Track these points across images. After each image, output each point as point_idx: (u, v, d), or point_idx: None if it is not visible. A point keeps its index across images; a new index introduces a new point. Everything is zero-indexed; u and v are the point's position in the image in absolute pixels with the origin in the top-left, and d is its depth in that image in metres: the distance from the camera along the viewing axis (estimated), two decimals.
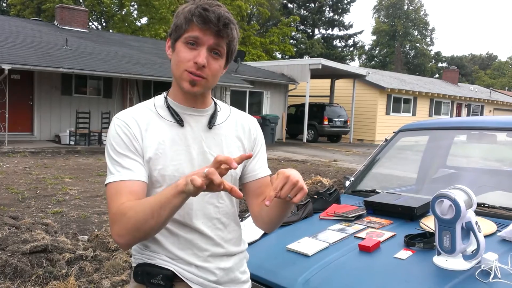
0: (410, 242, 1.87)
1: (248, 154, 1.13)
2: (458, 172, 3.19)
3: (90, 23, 29.00)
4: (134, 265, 1.34)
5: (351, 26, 47.24)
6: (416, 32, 54.76)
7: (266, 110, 19.31)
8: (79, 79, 14.73)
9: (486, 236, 1.77)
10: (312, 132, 20.16)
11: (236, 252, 1.39)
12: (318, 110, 19.96)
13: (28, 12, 28.59)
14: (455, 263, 1.64)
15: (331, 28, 45.61)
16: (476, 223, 1.63)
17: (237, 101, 17.50)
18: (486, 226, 1.99)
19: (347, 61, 47.73)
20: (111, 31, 27.51)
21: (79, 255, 3.83)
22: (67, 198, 6.80)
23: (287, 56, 36.04)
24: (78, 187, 7.61)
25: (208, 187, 1.04)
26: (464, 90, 29.81)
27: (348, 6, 44.48)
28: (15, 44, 13.61)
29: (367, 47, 55.27)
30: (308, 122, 19.26)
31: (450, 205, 1.60)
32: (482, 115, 28.47)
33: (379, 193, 2.64)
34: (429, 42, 56.54)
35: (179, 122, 1.30)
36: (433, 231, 1.78)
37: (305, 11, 43.93)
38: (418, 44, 54.12)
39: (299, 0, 43.20)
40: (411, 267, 1.72)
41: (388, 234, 2.00)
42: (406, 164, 4.23)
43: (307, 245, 1.92)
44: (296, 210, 2.36)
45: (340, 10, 44.39)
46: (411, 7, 54.18)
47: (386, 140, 3.21)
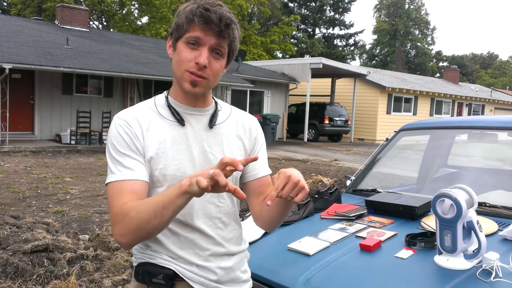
0: (411, 241, 1.86)
1: (254, 156, 1.13)
2: (459, 171, 3.19)
3: (91, 23, 29.01)
4: (135, 264, 1.34)
5: (352, 25, 47.31)
6: (417, 31, 54.73)
7: (266, 110, 19.31)
8: (80, 79, 14.74)
9: (487, 236, 1.77)
10: (313, 131, 20.16)
11: (237, 251, 1.39)
12: (318, 109, 19.96)
13: (29, 12, 28.61)
14: (456, 262, 1.64)
15: (332, 27, 45.59)
16: (477, 223, 1.62)
17: (238, 100, 17.50)
18: (487, 225, 1.99)
19: (348, 60, 47.73)
20: (111, 30, 27.52)
21: (80, 254, 3.84)
22: (68, 197, 6.80)
23: (287, 56, 36.01)
24: (79, 187, 7.61)
25: (212, 188, 1.04)
26: (465, 89, 29.79)
27: (349, 5, 44.46)
28: (16, 43, 13.62)
29: (368, 46, 55.34)
30: (309, 122, 19.26)
31: (451, 204, 1.60)
32: (483, 114, 28.44)
33: (380, 192, 2.64)
34: (430, 41, 56.56)
35: (180, 121, 1.30)
36: (434, 231, 1.77)
37: (306, 10, 43.90)
38: (419, 43, 54.09)
39: None
40: (412, 266, 1.71)
41: (389, 234, 2.00)
42: (407, 163, 4.22)
43: (308, 244, 1.92)
44: (297, 210, 2.36)
45: (341, 9, 44.35)
46: (412, 6, 54.14)
47: (387, 139, 3.21)
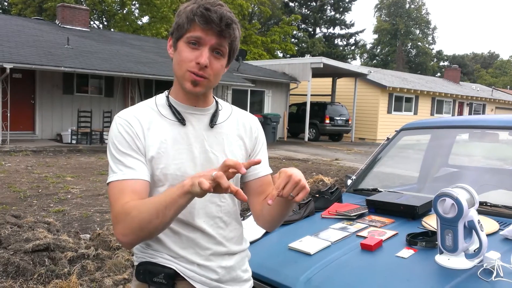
0: (412, 241, 1.86)
1: (257, 160, 1.13)
2: (460, 171, 3.19)
3: (92, 22, 29.02)
4: (136, 263, 1.34)
5: (352, 24, 47.24)
6: (417, 31, 54.69)
7: (267, 109, 19.31)
8: (80, 78, 14.75)
9: (488, 235, 1.77)
10: (314, 131, 20.15)
11: (238, 250, 1.39)
12: (319, 109, 19.95)
13: (30, 11, 28.63)
14: (457, 262, 1.64)
15: (332, 27, 45.56)
16: (479, 222, 1.62)
17: (238, 100, 17.50)
18: (489, 224, 1.99)
19: (349, 60, 47.72)
20: (112, 30, 27.53)
21: (81, 253, 3.84)
22: (69, 196, 6.81)
23: (288, 55, 36.00)
24: (80, 186, 7.62)
25: (214, 190, 1.04)
26: (466, 89, 29.76)
27: (350, 5, 44.43)
28: (17, 43, 13.63)
29: (368, 46, 55.33)
30: (310, 121, 19.25)
31: (452, 204, 1.60)
32: (484, 114, 28.42)
33: (381, 192, 2.64)
34: (430, 41, 56.52)
35: (181, 121, 1.30)
36: (435, 230, 1.77)
37: (306, 10, 43.88)
38: (419, 43, 54.06)
39: None
40: (413, 266, 1.71)
41: (390, 233, 2.00)
42: (408, 163, 4.22)
43: (309, 243, 1.92)
44: (298, 209, 2.36)
45: (341, 9, 44.32)
46: (412, 6, 54.10)
47: (388, 139, 3.21)
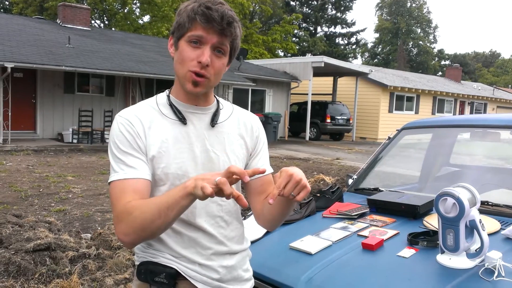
0: (413, 240, 1.86)
1: (261, 169, 1.11)
2: (462, 170, 3.18)
3: (93, 21, 29.03)
4: (137, 263, 1.34)
5: (353, 23, 47.18)
6: (419, 30, 54.63)
7: (268, 108, 19.31)
8: (81, 77, 14.76)
9: (490, 235, 1.76)
10: (315, 130, 20.14)
11: (239, 250, 1.39)
12: (320, 108, 19.94)
13: (31, 10, 28.65)
14: (458, 261, 1.63)
15: (333, 26, 45.54)
16: (480, 221, 1.62)
17: (239, 99, 17.50)
18: (490, 224, 1.99)
19: (350, 59, 47.69)
20: (113, 29, 27.54)
21: (82, 253, 3.84)
22: (70, 196, 6.81)
23: (289, 54, 35.98)
24: (81, 185, 7.63)
25: (216, 194, 1.04)
26: (467, 88, 29.72)
27: (351, 4, 44.42)
28: (18, 42, 13.63)
29: (369, 45, 55.27)
30: (311, 120, 19.24)
31: (454, 203, 1.59)
32: (485, 113, 28.39)
33: (382, 191, 2.64)
34: (432, 40, 56.46)
35: (182, 120, 1.30)
36: (436, 230, 1.77)
37: (307, 9, 43.87)
38: (421, 42, 54.00)
39: None
40: (414, 265, 1.71)
41: (391, 233, 1.99)
42: (409, 162, 4.21)
43: (310, 243, 1.92)
44: (299, 208, 2.36)
45: (342, 8, 44.30)
46: (414, 5, 54.04)
47: (389, 138, 3.21)
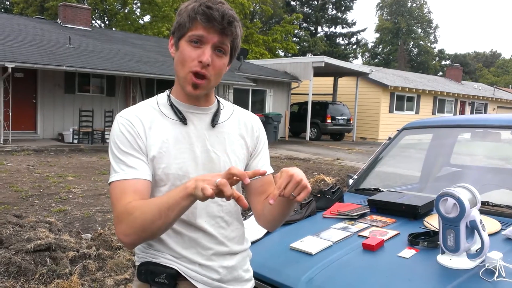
0: (414, 240, 1.86)
1: (262, 171, 1.11)
2: (462, 170, 3.18)
3: (93, 21, 29.03)
4: (137, 263, 1.34)
5: (354, 23, 47.13)
6: (419, 30, 54.60)
7: (269, 108, 19.30)
8: (82, 78, 14.76)
9: (490, 235, 1.76)
10: (315, 130, 20.13)
11: (239, 250, 1.39)
12: (321, 108, 19.93)
13: (31, 11, 28.65)
14: (459, 262, 1.63)
15: (334, 26, 45.52)
16: (481, 222, 1.62)
17: (240, 99, 17.49)
18: (491, 224, 1.99)
19: (350, 59, 47.68)
20: (114, 29, 27.55)
21: (82, 253, 3.84)
22: (71, 196, 6.82)
23: (290, 54, 35.97)
24: (81, 186, 7.63)
25: (216, 195, 1.03)
26: (467, 88, 29.71)
27: (351, 4, 44.39)
28: (18, 42, 13.64)
29: (370, 45, 55.25)
30: (311, 120, 19.23)
31: (454, 203, 1.59)
32: (485, 113, 28.37)
33: (382, 191, 2.64)
34: (432, 40, 56.41)
35: (182, 120, 1.30)
36: (437, 230, 1.77)
37: (308, 9, 43.85)
38: (421, 42, 53.96)
39: None
40: (414, 266, 1.71)
41: (391, 233, 1.99)
42: (410, 162, 4.21)
43: (310, 243, 1.92)
44: (299, 209, 2.36)
45: (343, 8, 44.28)
46: (414, 5, 54.01)
47: (389, 138, 3.20)
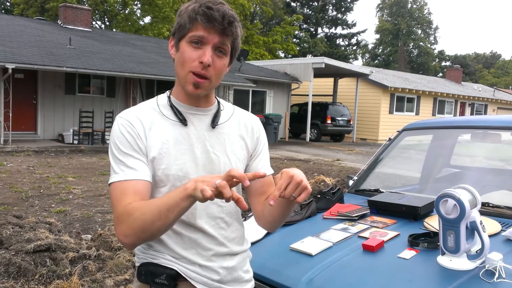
0: (414, 241, 1.86)
1: (262, 173, 1.10)
2: (462, 171, 3.18)
3: (94, 22, 29.05)
4: (137, 264, 1.34)
5: (354, 24, 47.07)
6: (419, 31, 54.62)
7: (269, 109, 19.31)
8: (82, 78, 14.76)
9: (490, 236, 1.76)
10: (315, 131, 20.14)
11: (240, 251, 1.39)
12: (321, 109, 19.95)
13: (32, 11, 28.67)
14: (459, 263, 1.63)
15: (334, 27, 45.53)
16: (481, 223, 1.62)
17: (240, 100, 17.50)
18: (491, 225, 1.99)
19: (350, 60, 47.69)
20: (114, 30, 27.57)
21: (82, 254, 3.84)
22: (71, 197, 6.81)
23: (290, 55, 35.99)
24: (81, 186, 7.63)
25: (216, 196, 1.03)
26: (467, 89, 29.71)
27: (352, 5, 44.39)
28: (19, 43, 13.64)
29: (370, 46, 55.30)
30: (311, 121, 19.24)
31: (455, 204, 1.59)
32: (485, 114, 28.38)
33: (382, 192, 2.64)
34: (432, 41, 56.43)
35: (183, 121, 1.30)
36: (437, 231, 1.77)
37: (308, 10, 43.86)
38: (421, 43, 53.99)
39: None
40: (415, 267, 1.71)
41: (391, 234, 1.99)
42: (410, 163, 4.21)
43: (310, 244, 1.92)
44: (299, 210, 2.36)
45: (343, 9, 44.28)
46: (414, 6, 54.05)
47: (389, 139, 3.20)
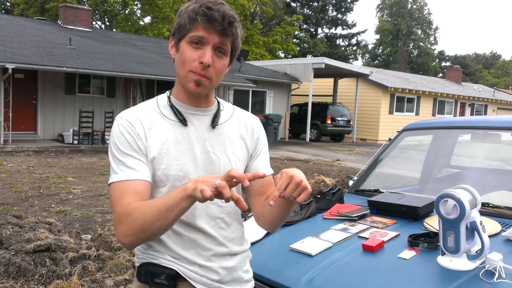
0: (414, 242, 1.86)
1: (261, 173, 1.09)
2: (462, 171, 3.18)
3: (94, 23, 29.05)
4: (137, 264, 1.34)
5: (354, 25, 47.10)
6: (419, 31, 54.63)
7: (269, 110, 19.31)
8: (82, 78, 14.76)
9: (490, 236, 1.76)
10: (315, 131, 20.14)
11: (239, 251, 1.39)
12: (321, 109, 19.95)
13: (32, 12, 28.67)
14: (459, 263, 1.63)
15: (334, 27, 45.54)
16: (481, 223, 1.62)
17: (240, 100, 17.50)
18: (491, 226, 1.99)
19: (350, 60, 47.68)
20: (114, 30, 27.57)
21: (82, 254, 3.84)
22: (71, 197, 6.81)
23: (290, 55, 35.99)
24: (81, 186, 7.62)
25: (216, 197, 1.03)
26: (467, 89, 29.72)
27: (352, 5, 44.40)
28: (19, 43, 13.64)
29: (370, 46, 55.29)
30: (311, 122, 19.24)
31: (455, 204, 1.59)
32: (485, 114, 28.38)
33: (382, 192, 2.64)
34: (432, 41, 56.43)
35: (183, 121, 1.30)
36: (437, 231, 1.77)
37: (308, 10, 43.87)
38: (421, 43, 54.00)
39: None
40: (415, 267, 1.71)
41: (391, 234, 1.99)
42: (410, 163, 4.21)
43: (310, 244, 1.92)
44: (299, 210, 2.36)
45: (343, 9, 44.29)
46: (414, 6, 54.06)
47: (389, 139, 3.20)
